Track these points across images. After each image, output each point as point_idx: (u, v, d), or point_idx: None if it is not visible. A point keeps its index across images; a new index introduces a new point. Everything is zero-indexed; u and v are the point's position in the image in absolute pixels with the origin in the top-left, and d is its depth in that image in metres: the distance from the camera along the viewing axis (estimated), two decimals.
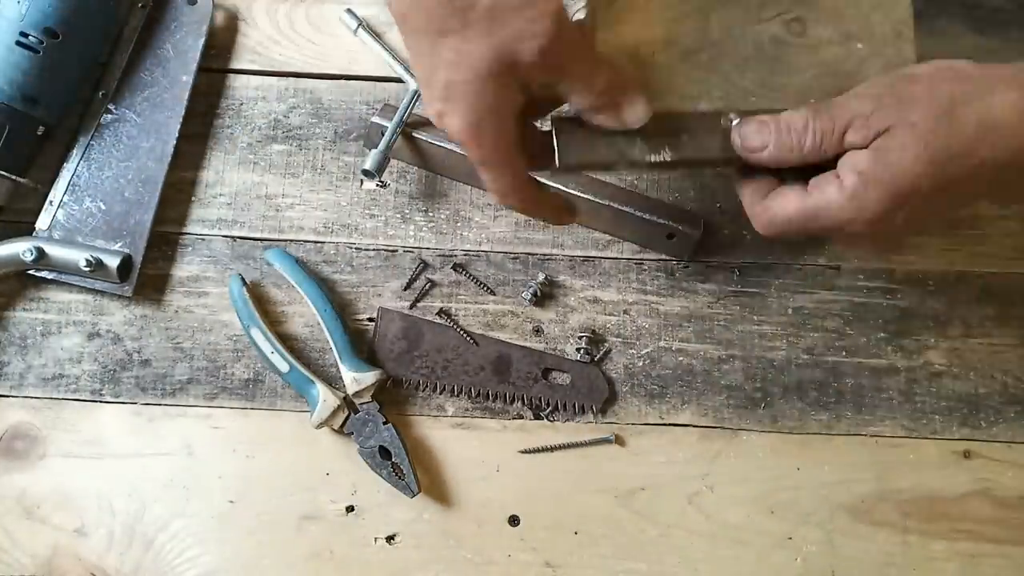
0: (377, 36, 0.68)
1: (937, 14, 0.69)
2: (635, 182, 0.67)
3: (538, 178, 0.59)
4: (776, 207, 0.50)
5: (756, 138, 0.50)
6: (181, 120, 0.66)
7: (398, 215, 0.67)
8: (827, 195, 0.47)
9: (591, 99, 0.48)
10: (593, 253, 0.67)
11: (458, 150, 0.64)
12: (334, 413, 0.61)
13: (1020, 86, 0.44)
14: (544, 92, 0.48)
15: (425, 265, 0.65)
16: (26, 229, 0.65)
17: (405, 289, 0.65)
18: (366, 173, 0.63)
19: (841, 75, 0.63)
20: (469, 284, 0.66)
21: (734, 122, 0.51)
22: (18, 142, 0.62)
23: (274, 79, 0.69)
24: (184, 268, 0.66)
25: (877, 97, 0.46)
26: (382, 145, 0.63)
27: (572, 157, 0.51)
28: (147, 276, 0.65)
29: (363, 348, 0.65)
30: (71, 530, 0.62)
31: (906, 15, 0.65)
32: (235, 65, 0.69)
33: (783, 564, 0.62)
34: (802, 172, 0.50)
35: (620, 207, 0.64)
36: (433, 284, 0.65)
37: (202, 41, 0.66)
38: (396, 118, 0.64)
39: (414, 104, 0.65)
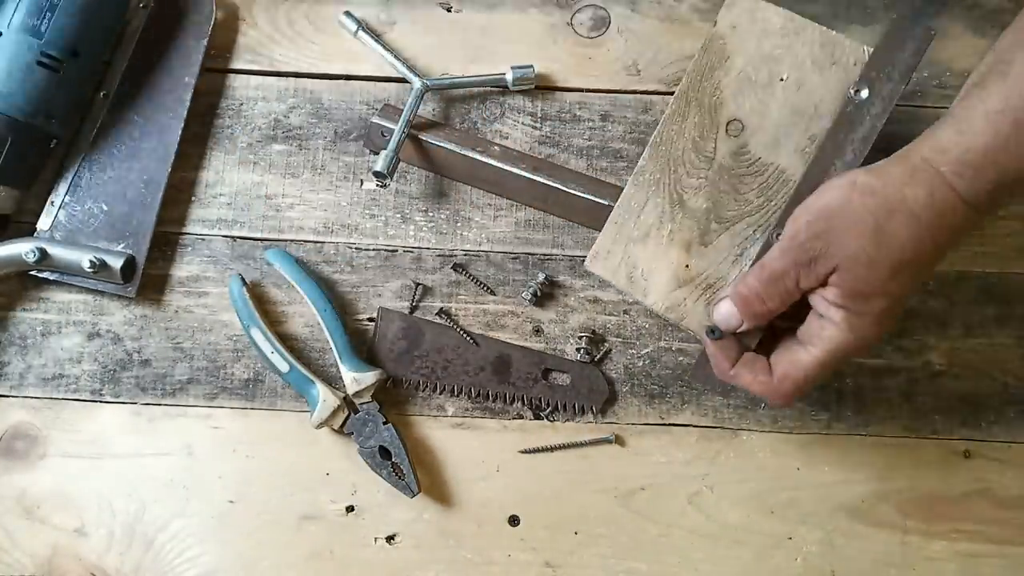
0: (377, 36, 0.68)
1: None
2: None
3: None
4: (793, 374, 0.52)
5: (732, 319, 0.53)
6: (183, 120, 0.66)
7: (398, 215, 0.67)
8: (832, 338, 0.50)
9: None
10: None
11: (459, 151, 0.65)
12: (334, 413, 0.61)
13: (920, 183, 0.48)
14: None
15: (425, 290, 0.66)
16: (27, 229, 0.65)
17: (410, 314, 0.65)
18: (378, 175, 0.63)
19: None
20: (469, 284, 0.66)
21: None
22: (32, 155, 0.62)
23: (274, 79, 0.69)
24: (184, 268, 0.66)
25: (806, 247, 0.49)
26: (392, 145, 0.63)
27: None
28: (147, 276, 0.65)
29: (363, 348, 0.65)
30: (71, 530, 0.62)
31: None
32: (235, 65, 0.69)
33: (783, 564, 0.62)
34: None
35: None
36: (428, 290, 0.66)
37: (204, 41, 0.66)
38: (403, 118, 0.64)
39: (419, 104, 0.65)
